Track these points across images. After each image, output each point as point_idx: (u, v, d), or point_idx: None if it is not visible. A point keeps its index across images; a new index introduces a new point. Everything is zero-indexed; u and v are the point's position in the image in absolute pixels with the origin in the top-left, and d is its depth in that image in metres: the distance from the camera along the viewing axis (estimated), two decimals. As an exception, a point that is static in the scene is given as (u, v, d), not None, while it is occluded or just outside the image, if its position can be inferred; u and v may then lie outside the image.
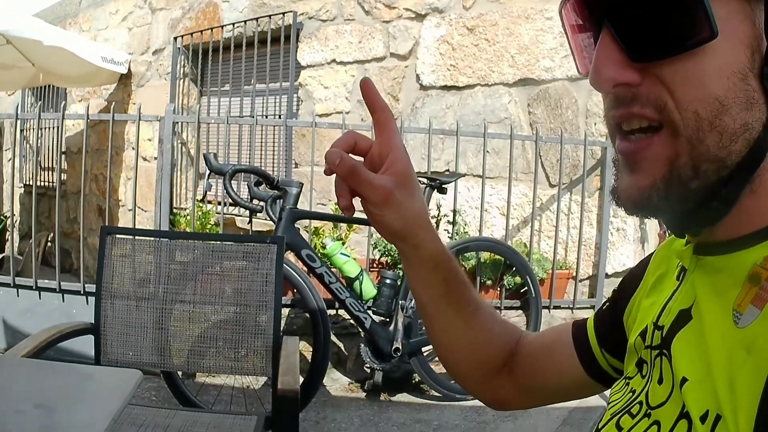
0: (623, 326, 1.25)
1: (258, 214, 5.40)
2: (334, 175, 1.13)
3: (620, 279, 1.36)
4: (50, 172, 12.98)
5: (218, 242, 3.92)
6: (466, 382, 1.49)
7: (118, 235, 3.75)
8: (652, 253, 1.25)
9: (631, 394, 1.07)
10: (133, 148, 10.16)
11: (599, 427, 1.09)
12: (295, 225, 5.19)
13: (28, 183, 13.51)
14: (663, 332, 1.01)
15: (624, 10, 0.85)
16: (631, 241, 6.48)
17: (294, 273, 5.11)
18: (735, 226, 0.88)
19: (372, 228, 6.23)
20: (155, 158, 8.54)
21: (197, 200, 7.16)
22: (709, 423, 0.81)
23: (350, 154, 1.16)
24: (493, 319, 1.42)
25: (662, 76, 0.83)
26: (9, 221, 12.77)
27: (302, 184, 5.28)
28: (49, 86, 12.72)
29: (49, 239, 11.51)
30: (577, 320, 1.42)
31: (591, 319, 1.38)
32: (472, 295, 1.35)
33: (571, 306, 6.52)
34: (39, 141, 9.47)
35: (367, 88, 1.18)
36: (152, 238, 3.91)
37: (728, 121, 0.81)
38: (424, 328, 1.48)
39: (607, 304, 1.35)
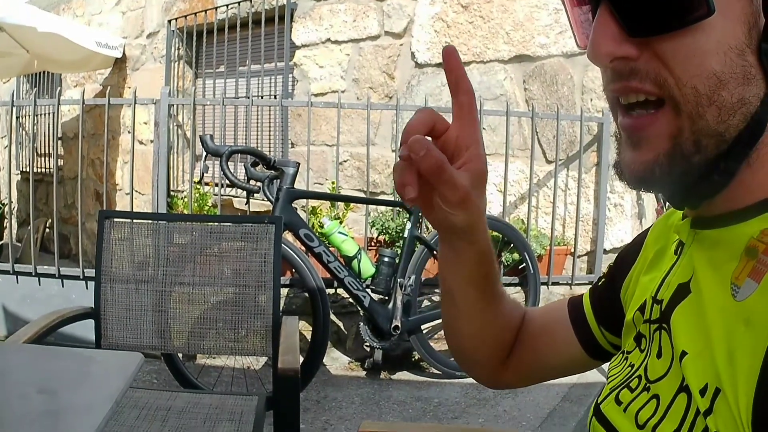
0: (621, 302, 1.27)
1: (255, 195, 5.41)
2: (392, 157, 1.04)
3: (618, 254, 1.37)
4: (47, 158, 12.98)
5: (216, 223, 3.92)
6: (477, 368, 1.48)
7: (116, 219, 3.75)
8: (648, 229, 1.27)
9: (629, 368, 1.09)
10: (129, 132, 10.14)
11: (599, 401, 1.11)
12: (293, 205, 5.20)
13: (24, 170, 13.51)
14: (662, 306, 1.02)
15: None
16: (629, 216, 6.50)
17: (292, 253, 5.13)
18: (732, 200, 0.89)
19: (370, 207, 6.25)
20: (151, 141, 8.53)
21: (194, 182, 7.17)
22: (708, 396, 0.82)
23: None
24: (511, 304, 1.41)
25: (660, 52, 0.84)
26: (7, 208, 12.81)
27: (299, 163, 5.29)
28: (44, 72, 12.70)
29: (48, 225, 11.52)
30: (572, 297, 1.43)
31: (586, 297, 1.39)
32: (500, 284, 1.33)
33: (569, 282, 6.53)
34: (35, 127, 9.46)
35: (452, 59, 1.06)
36: (150, 221, 3.90)
37: (726, 95, 0.82)
38: (442, 319, 1.42)
39: (603, 280, 1.37)
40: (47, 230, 11.45)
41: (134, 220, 3.91)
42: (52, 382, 1.86)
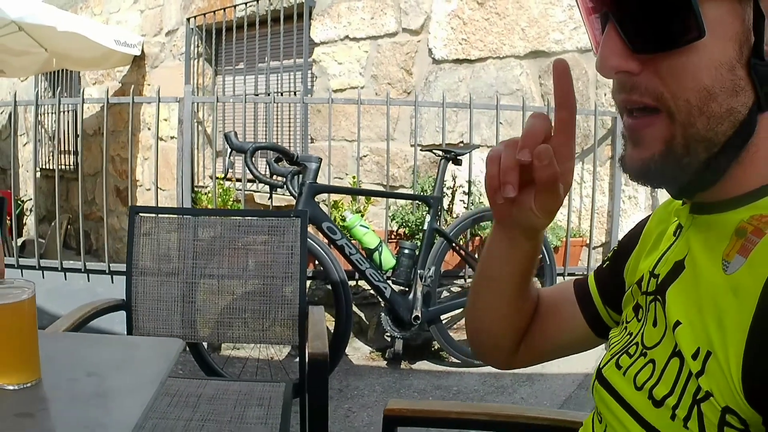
0: (623, 282, 1.38)
1: (278, 190, 5.50)
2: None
3: (621, 239, 1.48)
4: (66, 155, 13.03)
5: (244, 218, 4.00)
6: (495, 353, 1.57)
7: (146, 214, 3.83)
8: (650, 215, 1.39)
9: (628, 336, 1.22)
10: (149, 129, 10.24)
11: (601, 366, 1.24)
12: (315, 199, 5.29)
13: (44, 167, 13.59)
14: (658, 280, 1.15)
15: (626, 8, 0.98)
16: (643, 208, 6.55)
17: (316, 245, 5.22)
18: (725, 190, 1.02)
19: (389, 200, 6.33)
20: (172, 137, 8.64)
21: (219, 178, 7.25)
22: (700, 359, 0.95)
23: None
24: (534, 290, 1.50)
25: (659, 68, 0.97)
26: (29, 205, 12.88)
27: (321, 159, 5.35)
28: (62, 70, 12.74)
29: (69, 222, 11.60)
30: (577, 279, 1.54)
31: (591, 278, 1.50)
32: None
33: (585, 273, 6.53)
34: (56, 125, 9.53)
35: (563, 75, 1.09)
36: (180, 216, 3.98)
37: (715, 107, 0.95)
38: (471, 306, 1.50)
39: (607, 263, 1.48)
40: (69, 226, 11.55)
41: (165, 215, 3.97)
42: (99, 367, 1.92)
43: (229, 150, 5.17)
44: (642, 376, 1.08)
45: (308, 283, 6.13)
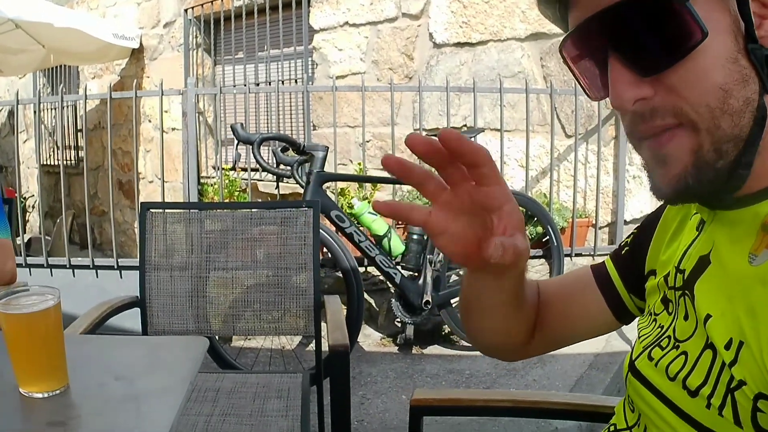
0: (644, 268, 1.39)
1: (285, 179, 5.50)
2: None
3: (638, 225, 1.48)
4: (67, 150, 13.00)
5: (256, 210, 3.99)
6: (503, 352, 1.58)
7: (157, 210, 3.83)
8: None
9: (659, 329, 1.23)
10: (150, 121, 10.23)
11: (633, 358, 1.26)
12: (323, 187, 5.30)
13: (45, 163, 13.58)
14: (684, 275, 1.17)
15: (624, 36, 0.98)
16: (648, 187, 6.55)
17: (325, 234, 5.21)
18: (747, 185, 1.02)
19: (396, 186, 6.33)
20: (173, 129, 8.62)
21: (226, 169, 7.24)
22: (733, 349, 0.97)
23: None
24: (529, 289, 1.45)
25: (672, 84, 0.96)
26: (32, 202, 12.86)
27: (327, 147, 5.35)
28: (60, 65, 12.73)
29: (74, 217, 11.59)
30: (594, 266, 1.53)
31: (610, 265, 1.49)
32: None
33: (592, 253, 6.59)
34: (56, 121, 9.48)
35: (451, 141, 0.99)
36: (191, 210, 3.97)
37: (734, 102, 0.94)
38: (467, 326, 1.45)
39: (627, 248, 1.48)
40: (73, 222, 11.54)
41: (174, 210, 3.96)
42: (127, 370, 1.92)
43: (236, 141, 5.18)
44: (674, 367, 1.10)
45: (319, 271, 6.14)
